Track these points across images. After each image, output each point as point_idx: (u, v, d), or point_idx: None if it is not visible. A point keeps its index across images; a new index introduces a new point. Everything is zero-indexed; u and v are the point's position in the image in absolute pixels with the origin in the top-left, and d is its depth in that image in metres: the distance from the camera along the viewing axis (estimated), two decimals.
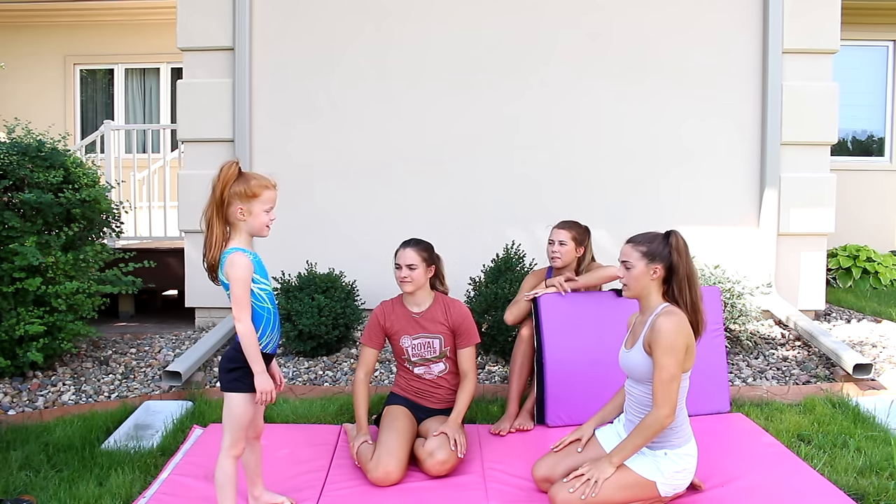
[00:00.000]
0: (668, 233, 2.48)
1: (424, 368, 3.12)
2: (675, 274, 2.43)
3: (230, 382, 2.36)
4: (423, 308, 3.12)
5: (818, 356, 4.34)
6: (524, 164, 5.07)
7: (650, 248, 2.45)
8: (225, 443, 2.36)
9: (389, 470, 2.73)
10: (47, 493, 2.68)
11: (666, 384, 2.31)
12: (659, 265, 2.44)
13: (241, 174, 2.32)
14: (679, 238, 2.46)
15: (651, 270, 2.44)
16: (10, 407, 3.74)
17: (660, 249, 2.44)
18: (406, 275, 3.04)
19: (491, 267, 4.39)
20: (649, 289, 2.46)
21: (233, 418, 2.35)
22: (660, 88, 5.06)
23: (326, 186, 5.11)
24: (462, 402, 3.02)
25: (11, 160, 4.03)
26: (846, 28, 5.43)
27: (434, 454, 2.79)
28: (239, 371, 2.34)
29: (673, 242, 2.44)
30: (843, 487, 2.65)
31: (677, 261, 2.43)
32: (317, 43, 5.09)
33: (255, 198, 2.32)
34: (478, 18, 5.07)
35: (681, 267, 2.42)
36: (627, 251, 2.49)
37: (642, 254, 2.45)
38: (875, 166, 7.70)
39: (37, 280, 3.90)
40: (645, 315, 2.49)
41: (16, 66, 8.26)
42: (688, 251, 2.46)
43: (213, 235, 2.31)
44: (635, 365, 2.45)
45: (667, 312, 2.38)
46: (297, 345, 4.36)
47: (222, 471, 2.37)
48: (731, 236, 5.10)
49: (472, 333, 3.13)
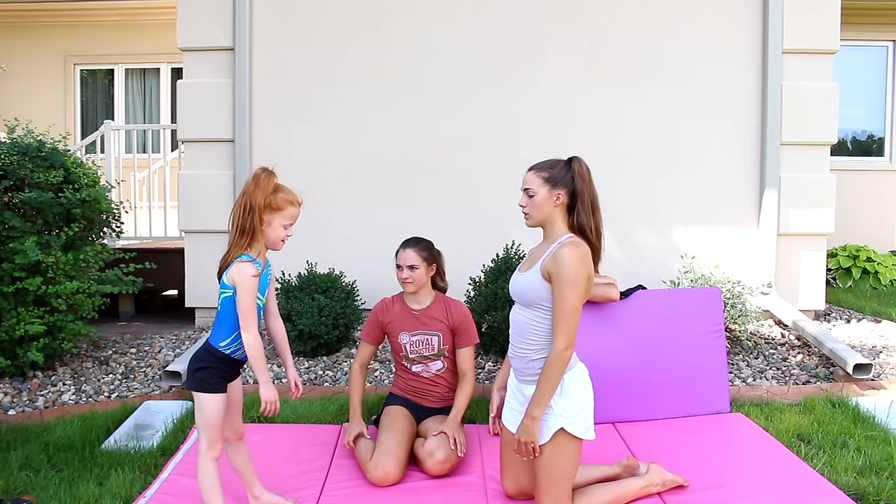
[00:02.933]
0: (571, 158, 2.43)
1: (422, 366, 3.12)
2: (579, 199, 2.37)
3: (198, 382, 2.35)
4: (423, 305, 3.13)
5: (818, 356, 4.34)
6: (524, 164, 5.05)
7: (552, 174, 2.39)
8: (202, 445, 2.35)
9: (388, 470, 2.74)
10: (47, 493, 2.68)
11: (567, 316, 2.24)
12: (562, 191, 2.37)
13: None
14: (582, 163, 2.40)
15: (554, 197, 2.37)
16: (10, 407, 3.74)
17: (562, 175, 2.39)
18: (408, 275, 3.05)
19: (491, 267, 4.39)
20: (553, 217, 2.39)
21: (204, 419, 2.33)
22: (660, 88, 5.06)
23: (326, 186, 5.11)
24: (461, 401, 3.03)
25: (12, 160, 4.03)
26: (846, 28, 5.43)
27: (434, 454, 2.79)
28: (206, 371, 2.33)
29: (575, 168, 2.39)
30: (842, 487, 2.66)
31: (581, 186, 2.37)
32: (317, 43, 5.10)
33: (277, 211, 2.34)
34: (477, 18, 5.07)
35: (585, 192, 2.37)
36: (530, 178, 2.42)
37: (544, 180, 2.39)
38: (875, 166, 7.70)
39: (37, 280, 3.90)
40: (546, 243, 2.42)
41: (16, 66, 8.26)
42: (590, 177, 2.40)
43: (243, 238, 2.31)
44: (527, 287, 2.37)
45: (571, 243, 2.31)
46: (297, 345, 4.36)
47: (204, 474, 2.36)
48: (731, 236, 5.10)
49: (471, 333, 3.14)
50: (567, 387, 2.32)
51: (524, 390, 2.43)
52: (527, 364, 2.41)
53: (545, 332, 2.35)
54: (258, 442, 3.16)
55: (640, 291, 3.54)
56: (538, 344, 2.37)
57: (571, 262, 2.25)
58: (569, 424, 2.30)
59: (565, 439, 2.31)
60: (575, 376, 2.36)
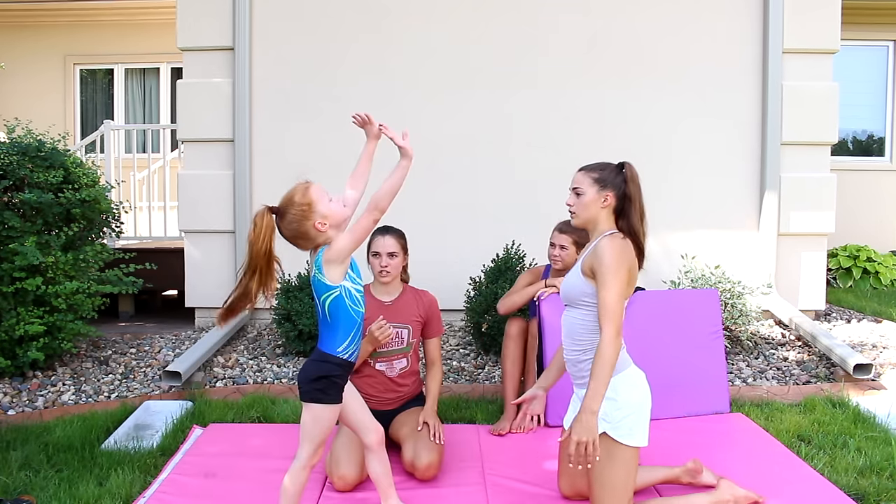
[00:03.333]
0: (622, 163, 2.43)
1: (387, 364, 2.99)
2: (631, 203, 2.36)
3: (319, 393, 2.21)
4: (394, 297, 3.02)
5: (818, 356, 4.34)
6: (523, 164, 5.07)
7: (602, 175, 2.39)
8: (304, 453, 2.24)
9: (342, 475, 2.67)
10: (47, 493, 2.67)
11: (612, 303, 2.19)
12: (610, 192, 2.37)
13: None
14: (633, 169, 2.40)
15: (602, 198, 2.37)
16: (10, 407, 3.74)
17: (612, 177, 2.39)
18: (387, 263, 2.92)
19: (491, 267, 4.39)
20: (598, 217, 2.38)
21: (318, 430, 2.23)
22: (659, 88, 5.05)
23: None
24: (434, 388, 3.00)
25: (11, 160, 4.03)
26: (846, 28, 5.43)
27: (414, 463, 2.73)
28: (327, 381, 2.22)
29: (627, 173, 2.39)
30: (843, 487, 2.65)
31: (633, 190, 2.36)
32: (317, 42, 5.09)
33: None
34: (476, 18, 5.06)
35: (636, 197, 2.36)
36: (580, 178, 2.42)
37: (594, 180, 2.39)
38: (875, 166, 7.70)
39: (37, 280, 3.89)
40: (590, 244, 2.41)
41: (16, 66, 8.26)
42: (639, 182, 2.40)
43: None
44: (570, 286, 2.37)
45: (610, 236, 2.31)
46: (297, 345, 4.36)
47: (296, 480, 2.26)
48: (731, 236, 5.09)
49: (440, 323, 3.11)
50: (616, 389, 2.25)
51: (580, 394, 2.37)
52: (577, 366, 2.38)
53: (590, 329, 2.32)
54: (258, 442, 3.16)
55: (640, 293, 3.54)
56: (585, 344, 2.34)
57: (611, 251, 2.24)
58: (611, 429, 2.23)
59: (608, 444, 2.22)
60: (625, 379, 2.30)
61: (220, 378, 4.12)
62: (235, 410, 3.57)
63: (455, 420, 3.48)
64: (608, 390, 2.18)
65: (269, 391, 3.88)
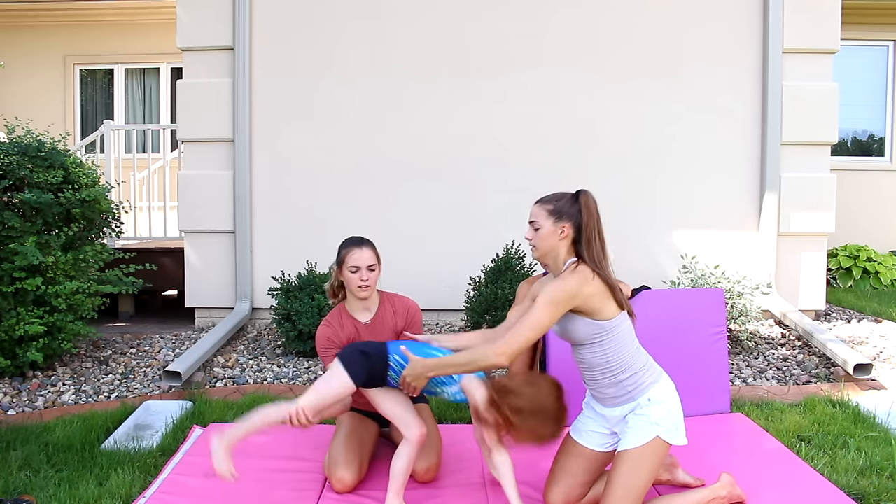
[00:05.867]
0: (578, 192, 2.38)
1: None
2: (584, 232, 2.32)
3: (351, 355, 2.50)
4: (372, 313, 2.84)
5: (818, 356, 4.34)
6: (523, 164, 5.07)
7: (557, 206, 2.36)
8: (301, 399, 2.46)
9: (341, 476, 2.65)
10: (47, 493, 2.67)
11: (524, 328, 2.20)
12: (567, 223, 2.34)
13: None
14: (589, 196, 2.36)
15: (559, 229, 2.33)
16: (9, 407, 3.74)
17: (567, 207, 2.35)
18: (367, 277, 2.70)
19: (491, 267, 4.39)
20: (558, 248, 2.36)
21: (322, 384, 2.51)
22: (658, 88, 5.05)
23: (327, 186, 5.10)
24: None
25: (11, 160, 4.02)
26: (846, 28, 5.43)
27: (414, 467, 2.68)
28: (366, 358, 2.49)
29: (582, 201, 2.34)
30: (843, 487, 2.65)
31: (587, 220, 2.32)
32: (317, 43, 5.09)
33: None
34: (476, 18, 5.06)
35: (591, 225, 2.33)
36: (536, 211, 2.39)
37: (549, 212, 2.36)
38: (875, 166, 7.70)
39: (37, 280, 3.89)
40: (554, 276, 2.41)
41: (16, 66, 8.26)
42: (597, 210, 2.36)
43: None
44: (572, 331, 2.35)
45: (572, 269, 2.29)
46: (297, 345, 4.36)
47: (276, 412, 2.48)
48: (731, 236, 5.09)
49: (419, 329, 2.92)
50: (658, 396, 2.32)
51: (606, 413, 2.41)
52: (601, 392, 2.40)
53: (617, 354, 2.33)
54: (258, 442, 3.16)
55: (645, 292, 3.54)
56: (615, 370, 2.34)
57: (562, 283, 2.24)
58: (664, 432, 2.29)
59: (657, 448, 2.28)
60: (666, 384, 2.37)
61: (220, 378, 4.12)
62: (235, 410, 3.57)
63: (455, 420, 3.48)
64: (658, 395, 2.32)
65: (269, 391, 3.88)
